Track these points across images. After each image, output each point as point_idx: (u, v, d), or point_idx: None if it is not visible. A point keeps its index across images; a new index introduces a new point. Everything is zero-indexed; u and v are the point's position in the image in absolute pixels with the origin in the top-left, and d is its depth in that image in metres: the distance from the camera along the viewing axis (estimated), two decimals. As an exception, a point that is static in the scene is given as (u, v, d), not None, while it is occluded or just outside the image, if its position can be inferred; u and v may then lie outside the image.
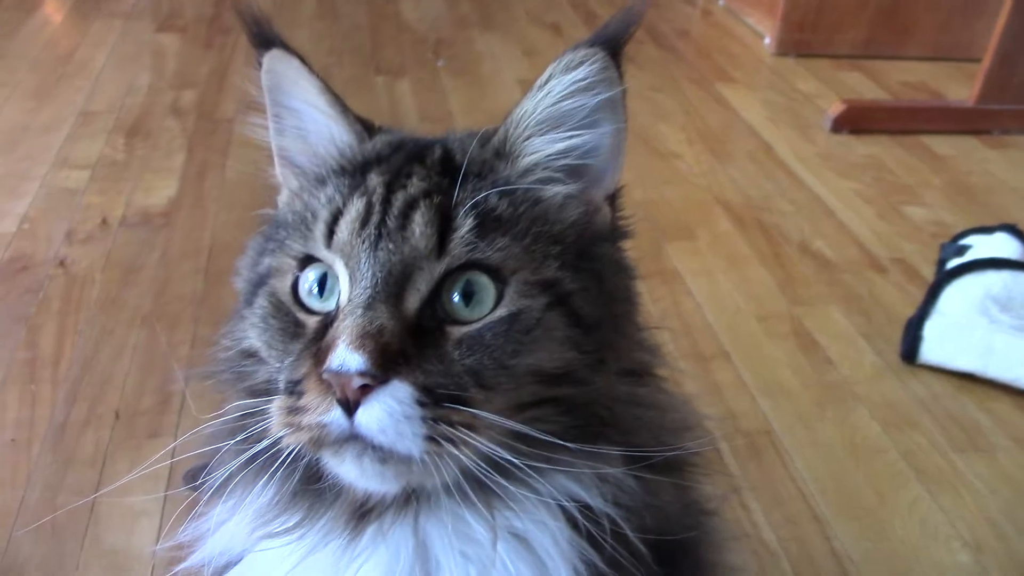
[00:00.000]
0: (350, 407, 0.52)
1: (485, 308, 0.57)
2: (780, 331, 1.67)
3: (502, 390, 0.56)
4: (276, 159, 0.69)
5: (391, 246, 0.57)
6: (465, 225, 0.57)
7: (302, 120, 0.67)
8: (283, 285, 0.61)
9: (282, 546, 0.58)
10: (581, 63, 0.60)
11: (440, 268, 0.57)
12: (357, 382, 0.52)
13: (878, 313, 1.74)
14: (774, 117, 2.57)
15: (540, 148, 0.62)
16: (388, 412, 0.52)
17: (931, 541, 1.25)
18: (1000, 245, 1.73)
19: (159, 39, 2.88)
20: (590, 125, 0.62)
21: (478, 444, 0.53)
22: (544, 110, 0.61)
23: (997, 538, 1.26)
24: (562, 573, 0.56)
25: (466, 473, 0.55)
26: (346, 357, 0.52)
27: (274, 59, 0.65)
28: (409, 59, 2.83)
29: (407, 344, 0.54)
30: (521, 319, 0.56)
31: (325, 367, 0.53)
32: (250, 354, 0.63)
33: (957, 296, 1.63)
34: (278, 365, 0.59)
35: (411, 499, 0.58)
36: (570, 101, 0.61)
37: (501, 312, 0.56)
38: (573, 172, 0.63)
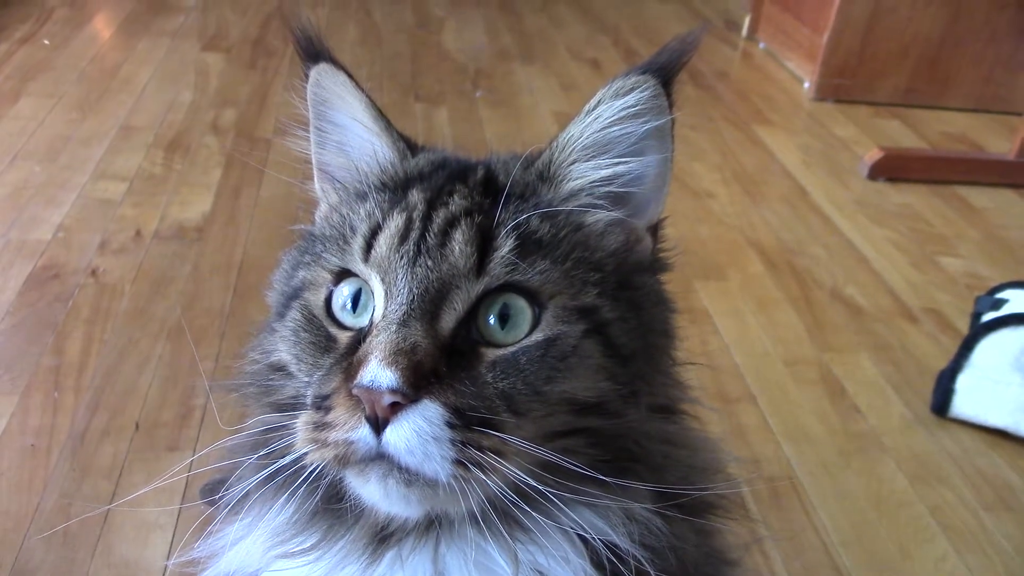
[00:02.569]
0: (378, 425, 0.51)
1: (521, 332, 0.56)
2: (808, 377, 1.64)
3: (533, 417, 0.54)
4: (316, 173, 0.69)
5: (429, 263, 0.56)
6: (506, 246, 0.57)
7: (346, 135, 0.67)
8: (317, 299, 0.61)
9: (298, 567, 0.57)
10: (632, 90, 0.59)
11: (478, 288, 0.56)
12: (387, 399, 0.51)
13: (909, 364, 1.71)
14: (810, 161, 2.56)
15: (585, 173, 0.61)
16: (417, 432, 0.51)
17: (956, 601, 1.22)
18: (1037, 300, 1.69)
19: (204, 58, 2.93)
20: (637, 153, 0.61)
21: (506, 471, 0.52)
22: (591, 135, 0.60)
23: (1025, 602, 1.22)
24: None
25: (491, 501, 0.54)
26: (377, 373, 0.51)
27: (322, 73, 0.65)
28: (448, 88, 2.86)
29: (440, 364, 0.53)
30: (557, 345, 0.55)
31: (356, 382, 0.52)
32: (278, 368, 0.62)
33: (992, 350, 1.59)
34: (307, 379, 0.58)
35: (433, 526, 0.57)
36: (618, 128, 0.60)
37: (537, 336, 0.56)
38: (617, 199, 0.62)
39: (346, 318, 0.59)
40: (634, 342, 0.59)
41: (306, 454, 0.54)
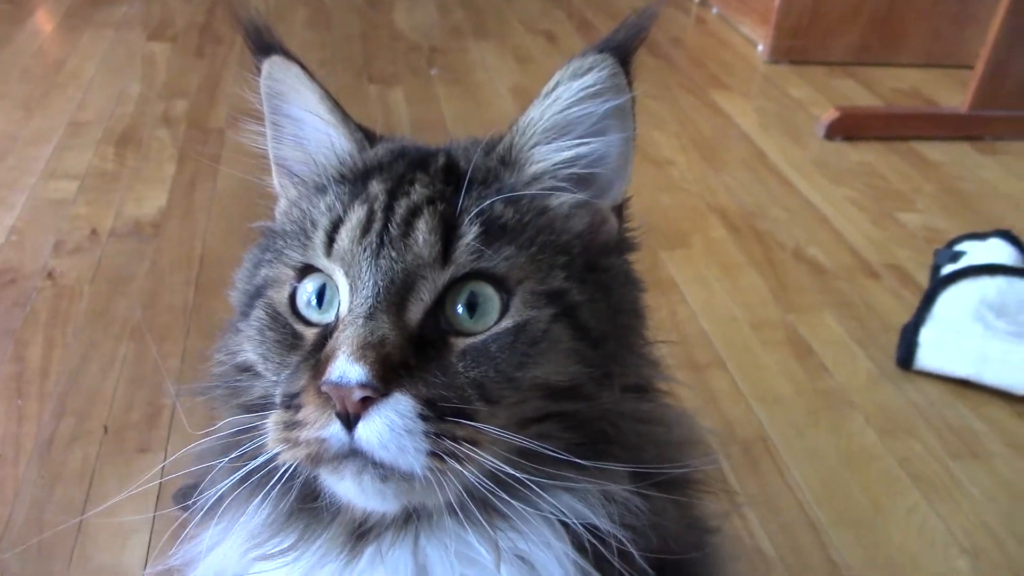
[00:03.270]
0: (350, 421, 0.51)
1: (490, 319, 0.55)
2: (775, 339, 1.66)
3: (506, 404, 0.54)
4: (274, 168, 0.68)
5: (393, 254, 0.55)
6: (470, 233, 0.56)
7: (302, 128, 0.65)
8: (281, 296, 0.60)
9: (276, 568, 0.56)
10: (589, 69, 0.59)
11: (444, 277, 0.55)
12: (358, 395, 0.50)
13: (872, 320, 1.73)
14: (767, 124, 2.57)
15: (547, 156, 0.61)
16: (389, 426, 0.50)
17: (928, 548, 1.24)
18: (994, 251, 1.72)
19: (150, 48, 2.87)
20: (598, 133, 0.60)
21: (482, 460, 0.52)
22: (551, 117, 0.60)
23: (995, 544, 1.25)
24: None
25: (469, 491, 0.54)
26: (346, 369, 0.51)
27: (274, 66, 0.64)
28: (402, 68, 2.82)
29: (409, 356, 0.53)
30: (527, 330, 0.55)
31: (324, 379, 0.51)
32: (245, 368, 0.61)
33: (952, 302, 1.62)
34: (275, 378, 0.57)
35: (411, 519, 0.56)
36: (578, 108, 0.59)
37: (507, 323, 0.55)
38: (580, 181, 0.62)
39: (311, 314, 0.58)
40: (604, 324, 0.58)
41: (278, 454, 0.53)
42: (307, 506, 0.57)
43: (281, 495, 0.56)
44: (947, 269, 1.72)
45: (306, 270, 0.59)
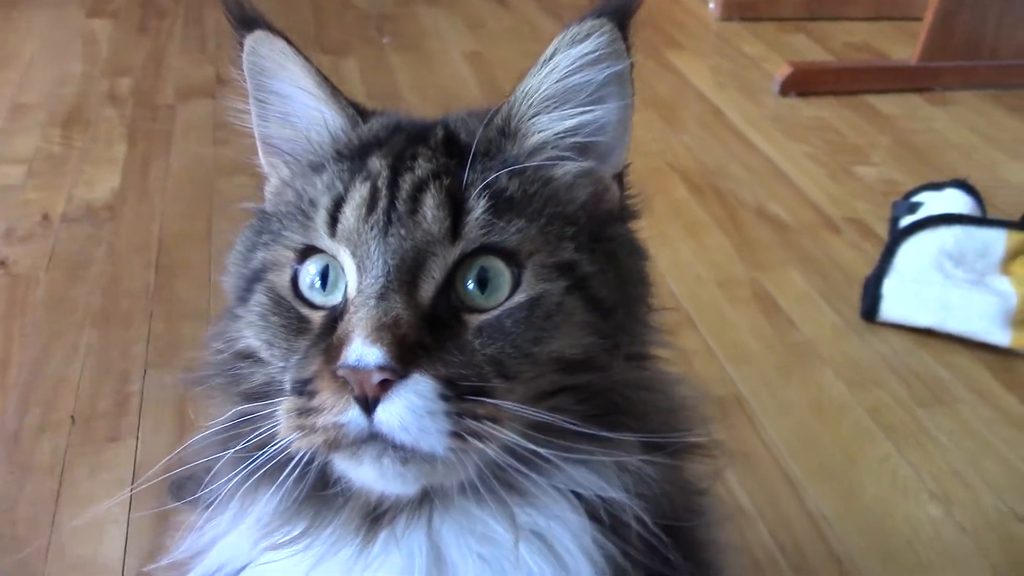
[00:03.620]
0: (369, 405, 0.50)
1: (501, 295, 0.55)
2: (742, 296, 1.68)
3: (523, 379, 0.53)
4: (261, 147, 0.65)
5: (403, 232, 0.54)
6: (478, 207, 0.55)
7: (290, 104, 0.63)
8: (282, 279, 0.58)
9: (287, 557, 0.55)
10: (588, 36, 0.57)
11: (455, 253, 0.54)
12: (376, 377, 0.49)
13: (835, 273, 1.76)
14: (723, 82, 2.58)
15: (548, 126, 0.60)
16: (410, 408, 0.49)
17: (901, 496, 1.27)
18: (951, 201, 1.75)
19: (90, 25, 2.77)
20: (598, 101, 0.60)
21: (503, 437, 0.51)
22: (550, 86, 0.59)
23: (965, 489, 1.28)
24: (583, 569, 0.54)
25: (487, 468, 0.53)
26: (363, 351, 0.49)
27: (258, 41, 0.62)
28: (353, 37, 2.77)
29: (424, 335, 0.52)
30: (541, 304, 0.54)
31: (340, 363, 0.50)
32: (247, 355, 0.59)
33: (912, 253, 1.65)
34: (282, 364, 0.56)
35: (425, 500, 0.55)
36: (577, 76, 0.58)
37: (520, 297, 0.54)
38: (583, 150, 0.61)
39: (316, 297, 0.57)
40: (613, 294, 0.58)
41: (291, 442, 0.52)
42: (318, 493, 0.56)
43: (293, 483, 0.54)
44: (906, 221, 1.74)
45: (307, 251, 0.57)
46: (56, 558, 1.14)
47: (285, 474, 0.54)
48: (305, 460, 0.53)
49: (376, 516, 0.56)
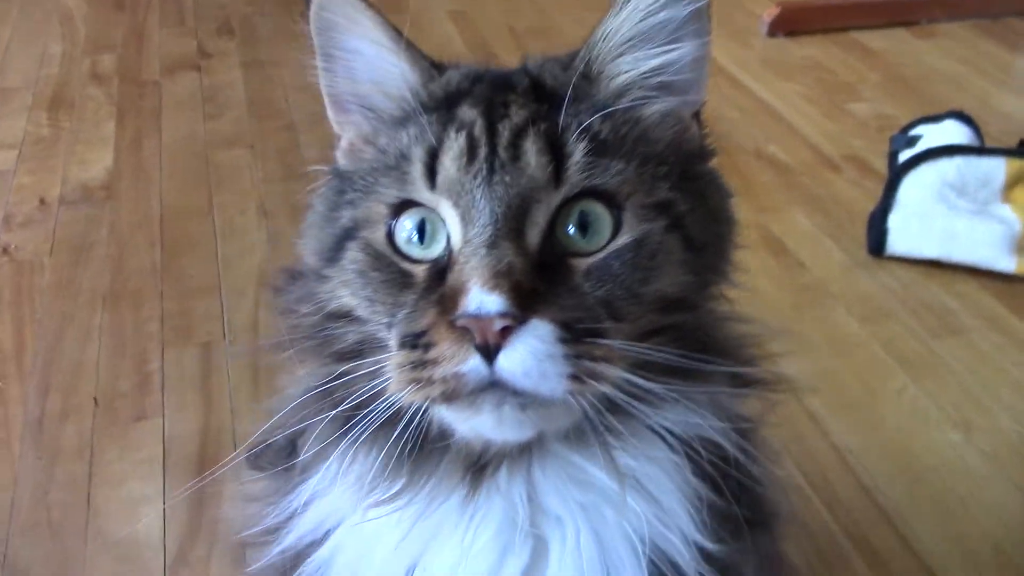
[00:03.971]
0: (490, 352, 0.50)
1: (603, 237, 0.55)
2: (750, 240, 1.66)
3: (630, 320, 0.54)
4: (330, 105, 0.64)
5: (507, 179, 0.54)
6: (578, 151, 0.55)
7: (363, 59, 0.62)
8: (378, 235, 0.57)
9: (386, 515, 0.56)
10: None
11: (558, 198, 0.54)
12: (498, 324, 0.49)
13: (839, 211, 1.77)
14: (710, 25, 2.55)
15: (632, 67, 0.59)
16: (532, 353, 0.49)
17: (922, 425, 1.30)
18: (950, 132, 1.76)
19: (64, 4, 2.70)
20: (679, 39, 0.59)
21: (617, 375, 0.52)
22: (632, 27, 0.58)
23: (982, 414, 1.31)
24: (678, 510, 0.55)
25: (591, 411, 0.53)
26: (483, 299, 0.49)
27: None
28: (333, -1, 2.72)
29: (537, 281, 0.52)
30: (646, 244, 0.55)
31: (460, 312, 0.50)
32: (340, 315, 0.59)
33: (915, 186, 1.66)
34: (386, 320, 0.55)
35: (525, 450, 0.56)
36: (661, 15, 0.58)
37: (625, 239, 0.55)
38: (667, 88, 0.60)
39: (414, 251, 0.56)
40: (705, 233, 0.58)
41: (403, 397, 0.52)
42: (420, 447, 0.56)
43: (396, 439, 0.55)
44: (905, 154, 1.75)
45: (403, 206, 0.57)
46: (95, 541, 1.15)
47: (394, 429, 0.54)
48: (414, 414, 0.53)
49: (478, 468, 0.56)
